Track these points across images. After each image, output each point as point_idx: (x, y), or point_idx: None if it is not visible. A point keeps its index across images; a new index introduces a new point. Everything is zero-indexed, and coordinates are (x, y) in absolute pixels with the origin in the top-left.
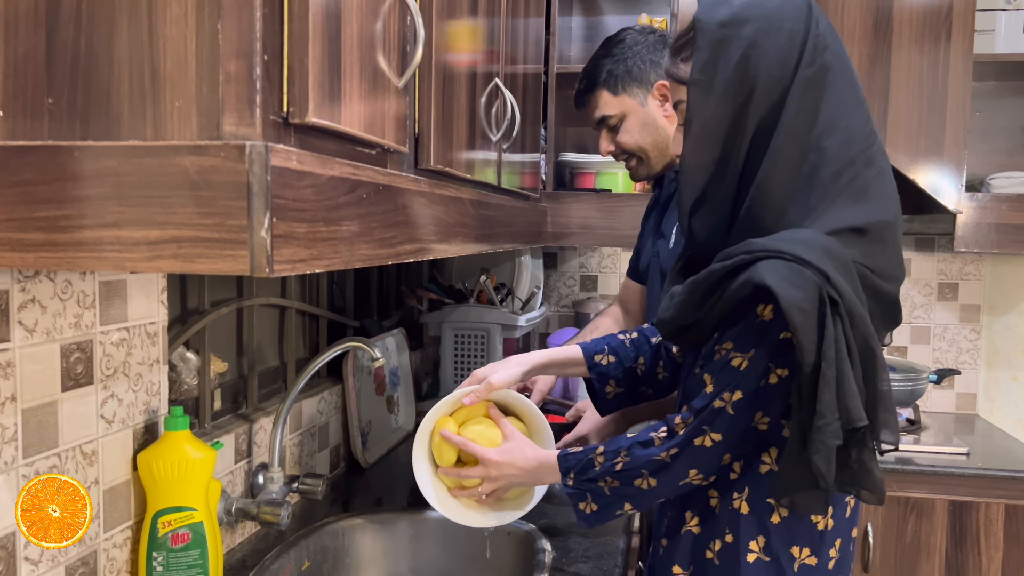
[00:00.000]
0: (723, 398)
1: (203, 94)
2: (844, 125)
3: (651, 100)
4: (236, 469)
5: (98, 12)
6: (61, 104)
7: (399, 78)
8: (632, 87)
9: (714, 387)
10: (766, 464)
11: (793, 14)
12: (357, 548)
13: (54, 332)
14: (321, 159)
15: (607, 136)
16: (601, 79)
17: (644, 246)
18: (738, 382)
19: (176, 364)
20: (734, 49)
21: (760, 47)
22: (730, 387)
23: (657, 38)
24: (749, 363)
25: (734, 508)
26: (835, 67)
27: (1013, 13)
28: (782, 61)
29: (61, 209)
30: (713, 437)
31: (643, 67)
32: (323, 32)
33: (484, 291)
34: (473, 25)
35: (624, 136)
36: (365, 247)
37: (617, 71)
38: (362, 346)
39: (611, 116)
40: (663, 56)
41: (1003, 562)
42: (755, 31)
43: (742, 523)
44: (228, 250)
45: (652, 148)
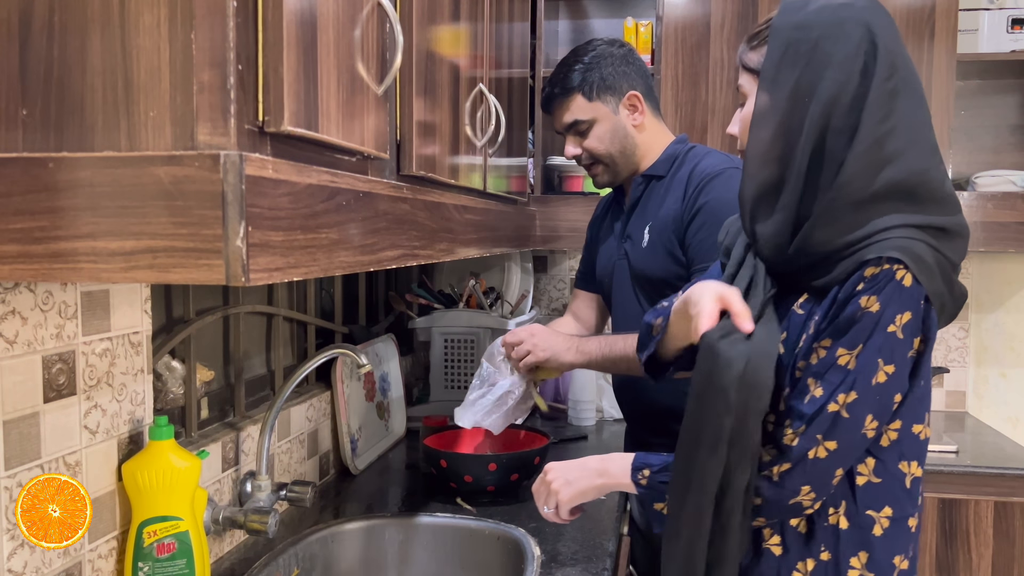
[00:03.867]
0: (837, 400)
1: (177, 104)
2: (923, 136)
3: (622, 109)
4: (223, 477)
5: (71, 23)
6: (35, 115)
7: (379, 85)
8: (605, 95)
9: (824, 390)
10: (863, 476)
11: (856, 28)
12: (346, 555)
13: (35, 343)
14: (298, 167)
15: (574, 140)
16: (576, 84)
17: (601, 251)
18: (852, 382)
19: (161, 373)
20: (802, 50)
21: (824, 51)
22: (844, 388)
23: (627, 51)
24: (858, 361)
25: (831, 524)
26: (912, 83)
27: (996, 12)
28: (847, 67)
29: (36, 220)
30: (828, 446)
31: (616, 77)
32: (298, 40)
33: (473, 295)
34: (455, 30)
35: (593, 142)
36: (345, 254)
37: (592, 78)
38: (348, 353)
39: (583, 121)
40: (632, 68)
41: (993, 559)
42: (819, 36)
43: (842, 539)
44: (203, 260)
45: (619, 155)
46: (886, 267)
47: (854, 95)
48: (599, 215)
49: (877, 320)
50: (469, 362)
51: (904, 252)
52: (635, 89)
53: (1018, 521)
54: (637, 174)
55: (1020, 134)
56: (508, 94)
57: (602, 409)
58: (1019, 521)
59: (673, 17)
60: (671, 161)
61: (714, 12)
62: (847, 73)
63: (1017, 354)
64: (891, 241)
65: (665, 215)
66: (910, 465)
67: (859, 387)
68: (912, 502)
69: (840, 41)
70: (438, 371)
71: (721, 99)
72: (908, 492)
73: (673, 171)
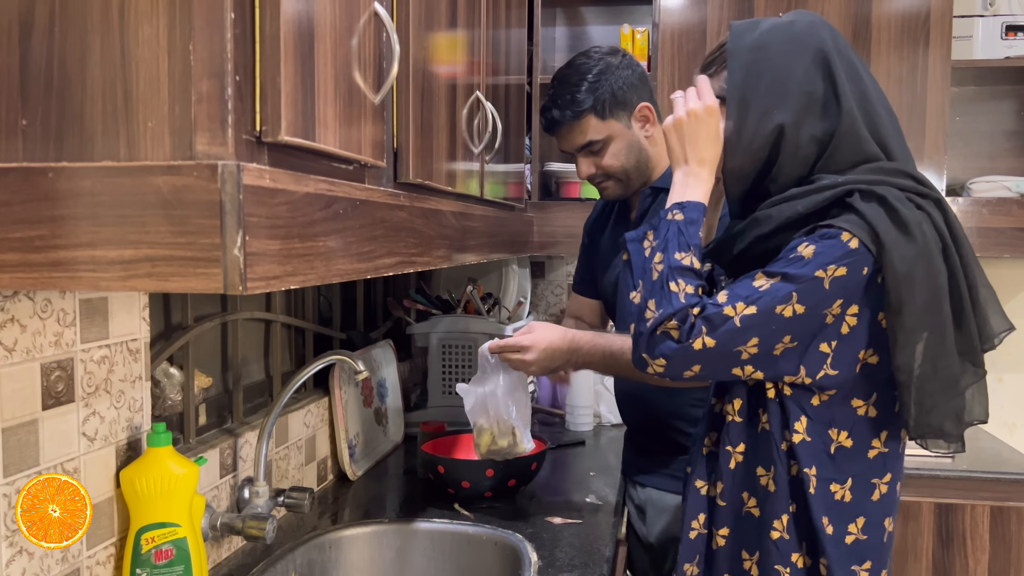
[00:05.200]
0: (735, 308)
1: (175, 114)
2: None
3: (634, 122)
4: (222, 484)
5: (71, 33)
6: (35, 125)
7: (376, 94)
8: (618, 111)
9: (728, 296)
10: (799, 434)
11: (815, 39)
12: (344, 561)
13: (34, 351)
14: (295, 176)
15: (588, 160)
16: (588, 105)
17: (603, 260)
18: (756, 300)
19: (160, 380)
20: (763, 68)
21: (785, 66)
22: (747, 301)
23: (629, 61)
24: (771, 285)
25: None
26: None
27: (990, 19)
28: (809, 77)
29: (35, 230)
30: (707, 341)
31: (626, 90)
32: (296, 51)
33: (471, 301)
34: (452, 38)
35: (610, 159)
36: (343, 262)
37: (603, 96)
38: (345, 359)
39: (597, 141)
40: (636, 77)
41: (989, 564)
42: (781, 53)
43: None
44: (201, 268)
45: (634, 170)
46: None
47: (823, 101)
48: (597, 221)
49: (806, 262)
50: (467, 368)
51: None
52: (644, 100)
53: (1014, 526)
54: (646, 186)
55: (1015, 140)
56: (505, 101)
57: (599, 414)
58: (1015, 526)
59: (669, 24)
60: None
61: (710, 19)
62: (811, 83)
63: (1014, 359)
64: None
65: None
66: (839, 434)
67: (760, 306)
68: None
69: (797, 55)
70: (436, 377)
71: None
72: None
73: None
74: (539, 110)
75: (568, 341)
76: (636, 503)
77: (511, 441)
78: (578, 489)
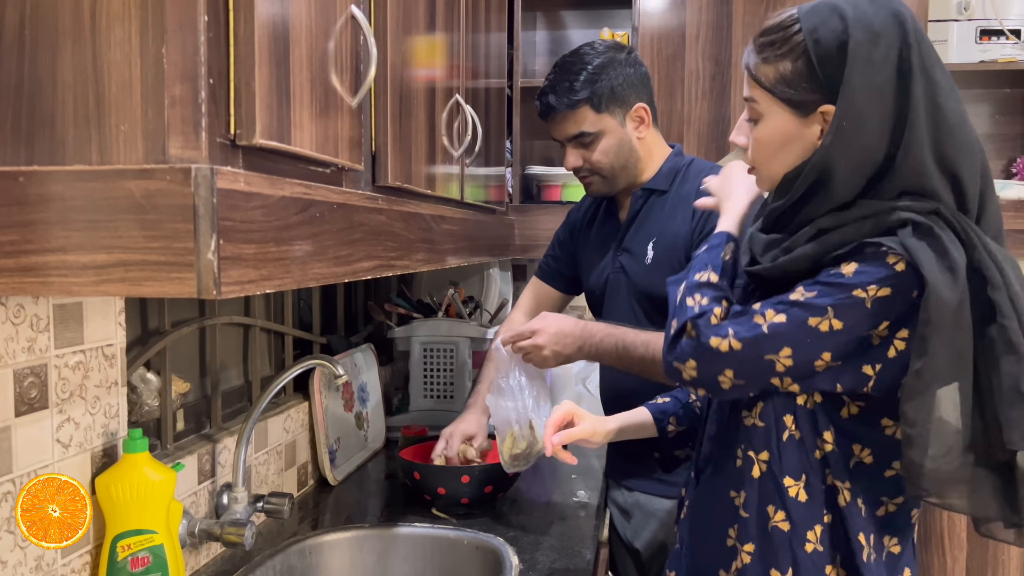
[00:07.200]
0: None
1: (148, 118)
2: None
3: (628, 121)
4: (200, 490)
5: (42, 37)
6: (6, 129)
7: (353, 97)
8: (613, 106)
9: (760, 304)
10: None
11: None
12: (325, 566)
13: (6, 357)
14: (270, 180)
15: (576, 152)
16: (586, 96)
17: (588, 260)
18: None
19: (136, 385)
20: (859, 53)
21: (876, 46)
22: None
23: (633, 59)
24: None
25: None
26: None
27: (965, 24)
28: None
29: (6, 235)
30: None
31: (625, 88)
32: (270, 54)
33: (452, 305)
34: (431, 41)
35: (599, 155)
36: (319, 266)
37: (601, 89)
38: (325, 363)
39: (589, 134)
40: (638, 77)
41: (967, 562)
42: (867, 33)
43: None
44: (175, 273)
45: (621, 168)
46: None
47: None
48: (581, 219)
49: (846, 279)
50: (448, 371)
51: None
52: (642, 100)
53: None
54: (635, 187)
55: (991, 143)
56: (485, 104)
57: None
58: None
59: (649, 28)
60: (672, 175)
61: (689, 23)
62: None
63: None
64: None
65: (674, 234)
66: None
67: (791, 316)
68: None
69: (883, 35)
70: (417, 381)
71: (697, 109)
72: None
73: (676, 186)
74: (536, 95)
75: (580, 327)
76: (621, 506)
77: (531, 440)
78: (559, 491)
